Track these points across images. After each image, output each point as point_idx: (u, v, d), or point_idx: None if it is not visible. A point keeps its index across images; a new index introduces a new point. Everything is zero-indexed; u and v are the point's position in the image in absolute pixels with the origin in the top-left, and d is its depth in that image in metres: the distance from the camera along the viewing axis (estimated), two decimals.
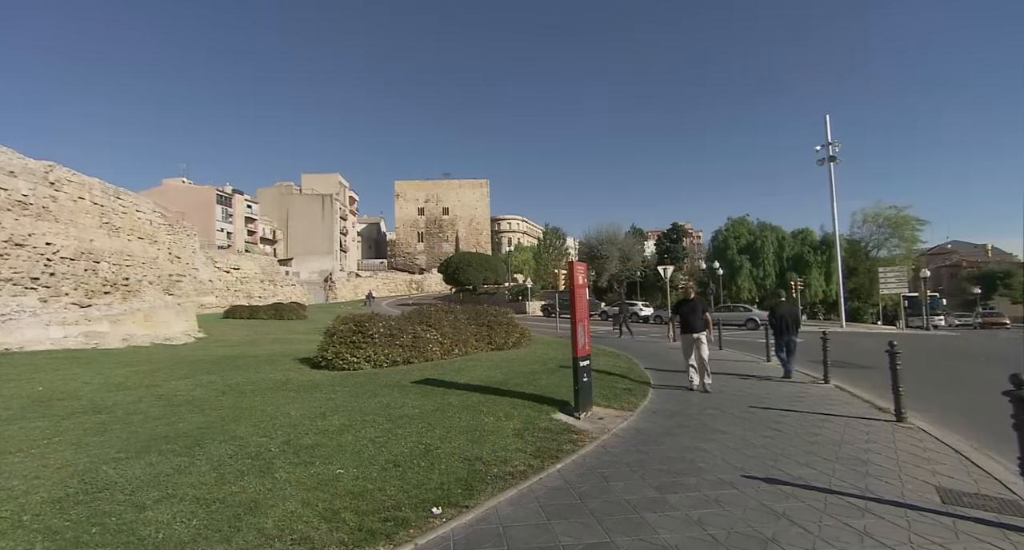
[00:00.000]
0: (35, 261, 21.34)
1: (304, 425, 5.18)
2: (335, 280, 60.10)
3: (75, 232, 23.83)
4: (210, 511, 3.17)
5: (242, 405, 6.18)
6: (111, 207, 26.74)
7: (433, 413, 5.69)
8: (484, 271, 49.30)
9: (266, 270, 45.86)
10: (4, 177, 20.30)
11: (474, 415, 5.61)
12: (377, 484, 3.65)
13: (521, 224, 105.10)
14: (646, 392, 7.67)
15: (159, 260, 30.79)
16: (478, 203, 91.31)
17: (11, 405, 6.09)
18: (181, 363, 9.97)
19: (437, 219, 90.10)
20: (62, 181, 23.31)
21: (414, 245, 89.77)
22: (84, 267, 23.98)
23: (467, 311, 12.13)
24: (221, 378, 8.14)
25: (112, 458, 4.14)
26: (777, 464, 4.34)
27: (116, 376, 8.38)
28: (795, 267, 44.25)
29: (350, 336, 9.33)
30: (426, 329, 10.26)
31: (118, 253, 26.68)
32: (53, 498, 3.33)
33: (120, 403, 6.28)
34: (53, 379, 7.97)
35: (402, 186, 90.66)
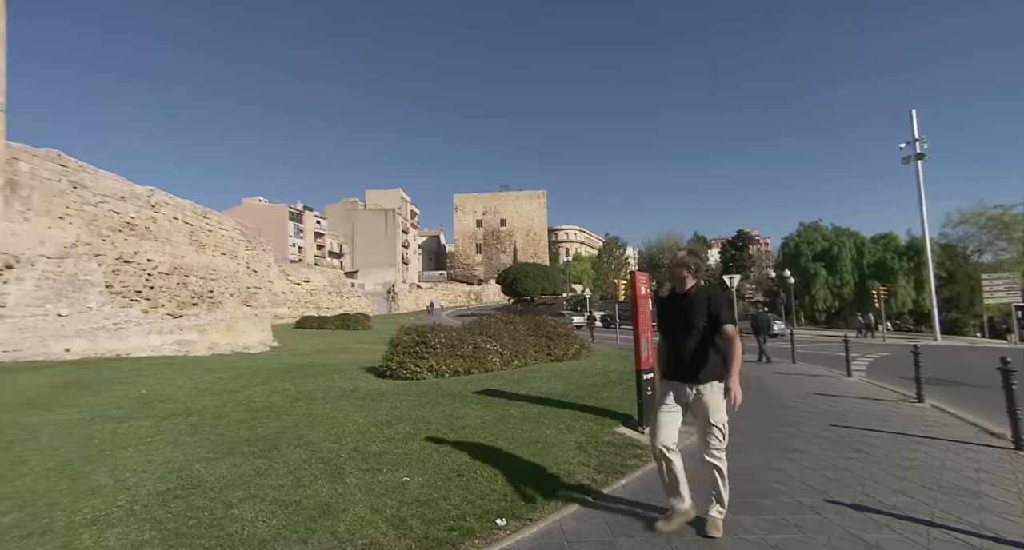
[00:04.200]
0: (139, 276, 23.65)
1: (371, 433, 5.37)
2: (397, 291, 62.20)
3: (170, 249, 26.22)
4: (288, 512, 3.34)
5: (314, 412, 6.49)
6: (199, 226, 29.20)
7: (495, 424, 5.73)
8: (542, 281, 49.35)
9: (333, 282, 48.27)
10: (116, 202, 22.74)
11: (536, 427, 5.59)
12: (442, 493, 3.71)
13: (579, 234, 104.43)
14: None
15: (239, 274, 33.22)
16: (535, 214, 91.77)
17: (123, 405, 6.75)
18: (258, 371, 10.64)
19: (495, 230, 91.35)
20: (161, 204, 25.75)
21: (472, 256, 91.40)
22: (177, 281, 26.30)
23: (526, 322, 12.15)
24: (294, 385, 8.60)
25: (203, 457, 4.48)
26: (865, 489, 4.00)
27: (204, 381, 9.07)
28: (877, 274, 41.01)
29: (413, 346, 9.60)
30: (486, 340, 10.37)
31: (205, 268, 29.05)
32: (157, 491, 3.66)
33: (208, 407, 6.78)
34: (153, 383, 8.75)
35: (460, 199, 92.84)
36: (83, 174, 21.31)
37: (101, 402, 7.03)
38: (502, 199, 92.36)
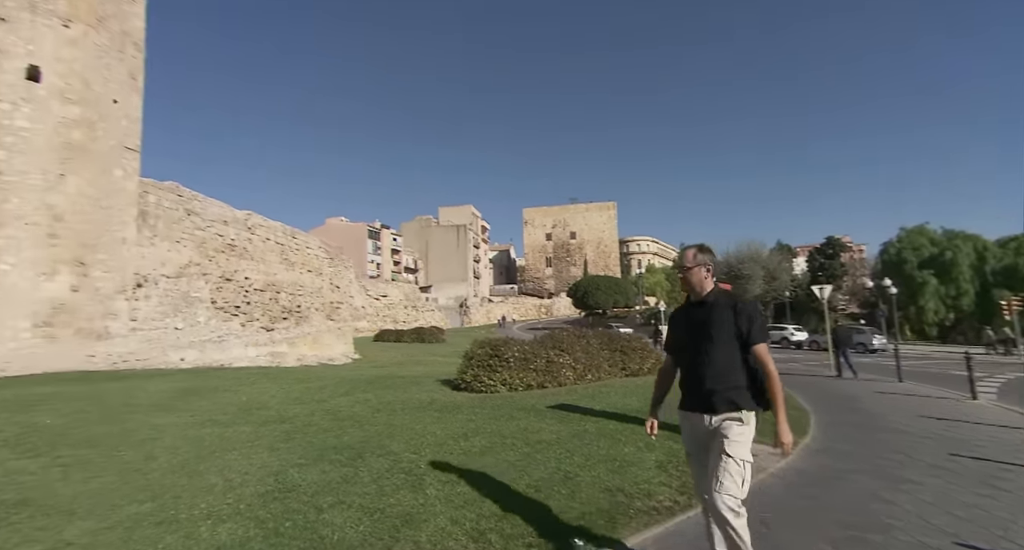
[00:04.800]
0: (238, 292, 25.97)
1: (449, 445, 5.47)
2: (469, 305, 63.54)
3: (264, 267, 28.59)
4: (373, 520, 3.47)
5: (394, 422, 6.74)
6: (289, 245, 31.60)
7: (570, 439, 5.65)
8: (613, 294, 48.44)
9: (409, 297, 50.25)
10: (220, 226, 25.24)
11: (613, 443, 5.45)
12: (519, 508, 3.70)
13: (651, 245, 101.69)
14: (805, 427, 6.78)
15: (323, 290, 35.49)
16: (605, 226, 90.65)
17: (227, 412, 7.39)
18: (342, 382, 11.23)
19: (565, 244, 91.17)
20: (256, 226, 28.22)
21: (542, 270, 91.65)
22: (269, 297, 28.56)
23: (599, 336, 11.95)
24: (375, 396, 8.98)
25: (296, 463, 4.78)
26: (1008, 534, 3.46)
27: (294, 391, 9.71)
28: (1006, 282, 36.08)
29: (487, 360, 9.72)
30: (559, 354, 10.30)
31: (293, 284, 31.34)
32: (258, 492, 3.95)
33: (299, 415, 7.25)
34: (251, 391, 9.50)
35: (530, 213, 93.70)
36: (195, 202, 23.88)
37: (209, 407, 7.74)
38: (571, 212, 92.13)
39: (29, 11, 16.13)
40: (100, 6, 17.87)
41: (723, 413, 2.55)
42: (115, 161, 18.43)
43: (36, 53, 16.14)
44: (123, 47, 18.94)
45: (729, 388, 2.56)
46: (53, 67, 16.45)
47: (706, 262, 2.80)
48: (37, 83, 16.13)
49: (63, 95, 16.62)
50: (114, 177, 18.37)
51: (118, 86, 18.64)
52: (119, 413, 7.11)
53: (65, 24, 16.81)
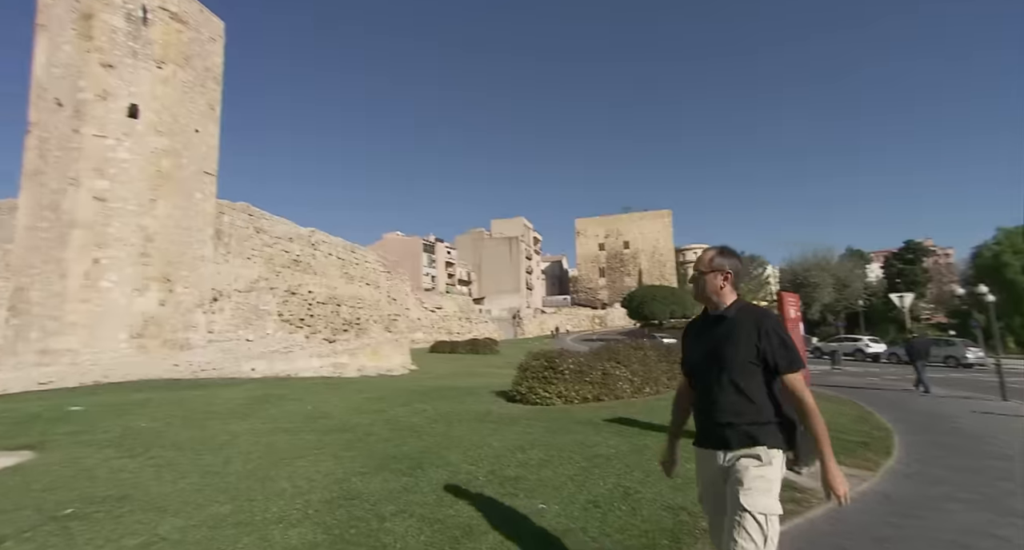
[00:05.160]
0: (302, 305, 27.33)
1: (506, 457, 5.48)
2: (522, 317, 63.65)
3: (326, 281, 29.96)
4: (433, 530, 3.52)
5: (451, 433, 6.83)
6: (349, 260, 32.99)
7: (629, 454, 5.51)
8: (670, 304, 47.05)
9: (463, 309, 51.01)
10: (286, 242, 26.78)
11: None
12: (579, 523, 3.64)
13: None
14: (889, 448, 6.27)
15: (381, 302, 36.70)
16: (660, 235, 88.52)
17: (294, 420, 7.77)
18: (400, 392, 11.52)
19: (618, 253, 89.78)
20: (319, 242, 29.70)
21: (596, 280, 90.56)
22: (331, 309, 29.85)
23: (657, 347, 11.63)
24: (432, 407, 9.15)
25: (358, 472, 4.94)
26: None
27: (355, 401, 10.05)
28: None
29: (542, 371, 9.69)
30: (615, 366, 10.10)
31: (353, 297, 32.61)
32: (324, 499, 4.11)
33: (360, 424, 7.50)
34: (316, 401, 9.93)
35: (582, 223, 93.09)
36: (263, 221, 25.49)
37: (278, 415, 8.16)
38: (624, 221, 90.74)
39: (131, 56, 17.99)
40: (187, 47, 19.64)
41: (739, 449, 2.13)
42: (195, 185, 20.03)
43: (135, 93, 17.94)
44: (204, 82, 20.68)
45: (748, 422, 2.12)
46: (149, 104, 18.20)
47: (724, 267, 2.35)
48: (136, 119, 17.90)
49: (155, 128, 18.33)
50: (194, 200, 19.95)
51: (199, 116, 20.32)
52: (200, 419, 7.63)
53: (159, 65, 18.59)
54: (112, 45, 17.77)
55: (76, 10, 17.74)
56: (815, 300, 44.22)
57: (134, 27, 18.24)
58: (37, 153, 17.64)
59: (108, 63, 17.64)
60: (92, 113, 17.33)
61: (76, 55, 17.60)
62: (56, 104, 17.59)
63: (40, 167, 17.52)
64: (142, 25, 18.41)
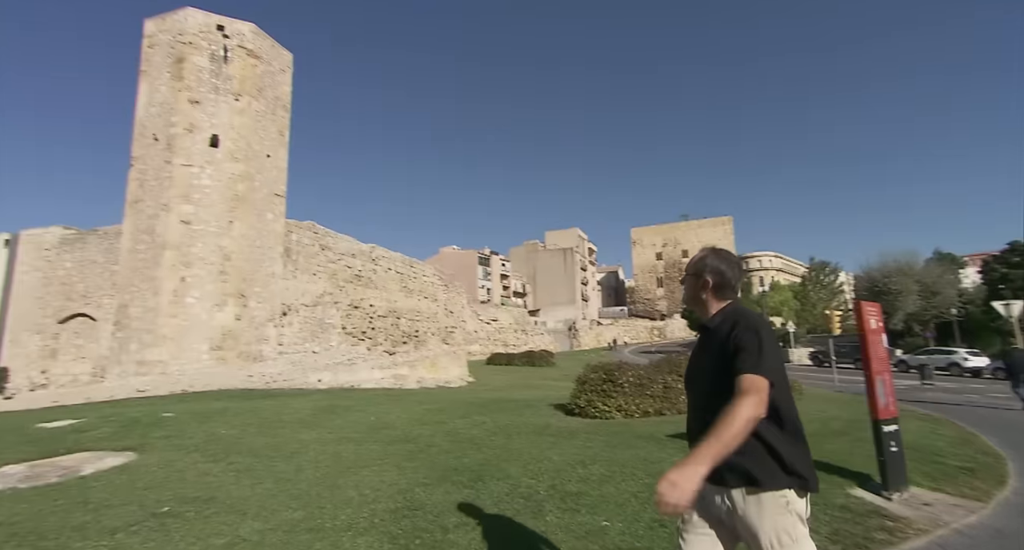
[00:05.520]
0: (364, 319, 28.40)
1: (567, 471, 5.40)
2: (578, 328, 62.98)
3: (386, 295, 31.01)
4: (496, 544, 3.51)
5: (510, 446, 6.82)
6: (407, 274, 34.00)
7: None
8: None
9: (518, 321, 51.16)
10: (349, 258, 28.04)
11: None
12: (645, 543, 3.52)
13: (774, 260, 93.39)
14: (1002, 476, 5.61)
15: (438, 315, 37.48)
16: (720, 242, 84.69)
17: (359, 430, 8.04)
18: (459, 404, 11.65)
19: (676, 263, 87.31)
20: (379, 258, 30.85)
21: (653, 291, 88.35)
22: (391, 322, 30.82)
23: None
24: (491, 419, 9.18)
25: (421, 482, 5.03)
26: None
27: (416, 412, 10.26)
28: None
29: (600, 384, 9.52)
30: (677, 379, 9.75)
31: (412, 310, 33.53)
32: (389, 509, 4.22)
33: (421, 435, 7.64)
34: (378, 412, 10.24)
35: (638, 233, 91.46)
36: (328, 238, 26.84)
37: (344, 425, 8.47)
38: (682, 229, 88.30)
39: (213, 92, 19.70)
40: (260, 80, 21.24)
41: (732, 488, 1.77)
42: (267, 206, 21.44)
43: (216, 124, 19.59)
44: (275, 110, 22.22)
45: (740, 452, 1.67)
46: (227, 133, 19.78)
47: (704, 271, 2.04)
48: (216, 148, 19.51)
49: (233, 156, 19.86)
50: (266, 220, 21.35)
51: (270, 142, 21.82)
52: (272, 427, 8.06)
53: (236, 98, 20.21)
54: (198, 83, 19.51)
55: (171, 55, 19.68)
56: (898, 309, 40.69)
57: (216, 65, 19.96)
58: (138, 183, 19.58)
59: (195, 99, 19.36)
60: (181, 145, 19.04)
61: (169, 94, 19.48)
62: (153, 139, 19.50)
63: (139, 195, 19.42)
64: (223, 63, 20.11)
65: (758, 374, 1.68)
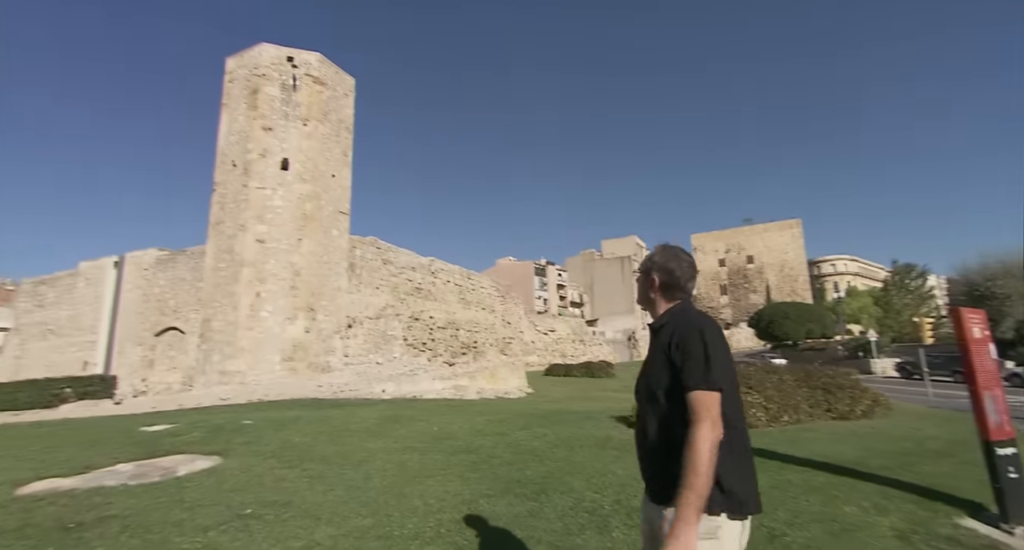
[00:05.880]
0: (424, 330, 29.12)
1: (632, 486, 5.25)
2: (638, 338, 61.42)
3: (444, 307, 31.66)
4: None
5: (573, 459, 6.72)
6: (465, 286, 34.59)
7: (769, 490, 4.97)
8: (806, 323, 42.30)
9: (576, 331, 50.60)
10: (409, 271, 28.94)
11: (826, 500, 4.64)
12: None
13: (850, 264, 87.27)
14: None
15: (496, 326, 37.78)
16: (789, 247, 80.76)
17: (423, 440, 8.22)
18: (519, 415, 11.63)
19: (741, 269, 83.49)
20: (438, 270, 31.61)
21: (717, 299, 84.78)
22: (450, 334, 31.39)
23: (794, 372, 10.48)
24: (552, 431, 9.10)
25: (484, 494, 5.06)
26: None
27: (477, 423, 10.34)
28: None
29: None
30: (746, 392, 9.27)
31: (470, 321, 34.01)
32: (454, 519, 4.27)
33: (483, 446, 7.69)
34: (440, 422, 10.42)
35: (699, 239, 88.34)
36: (389, 253, 27.85)
37: (408, 435, 8.68)
38: (746, 234, 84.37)
39: (283, 118, 21.16)
40: (325, 104, 22.56)
41: (670, 506, 1.61)
42: (332, 224, 22.58)
43: (286, 148, 20.98)
44: (339, 132, 23.48)
45: (671, 470, 1.59)
46: (296, 156, 21.12)
47: (652, 270, 1.92)
48: (286, 171, 20.87)
49: (301, 177, 21.15)
50: (332, 237, 22.47)
51: (335, 163, 23.04)
52: (341, 436, 8.40)
53: (304, 123, 21.57)
54: (271, 111, 21.01)
55: (247, 87, 21.36)
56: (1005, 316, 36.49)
57: (286, 94, 21.43)
58: (219, 206, 21.27)
59: (268, 126, 20.84)
60: (255, 169, 20.51)
61: (245, 123, 21.10)
62: (232, 165, 21.15)
63: (220, 217, 21.06)
64: (292, 91, 21.56)
65: (708, 389, 1.60)
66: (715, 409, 1.58)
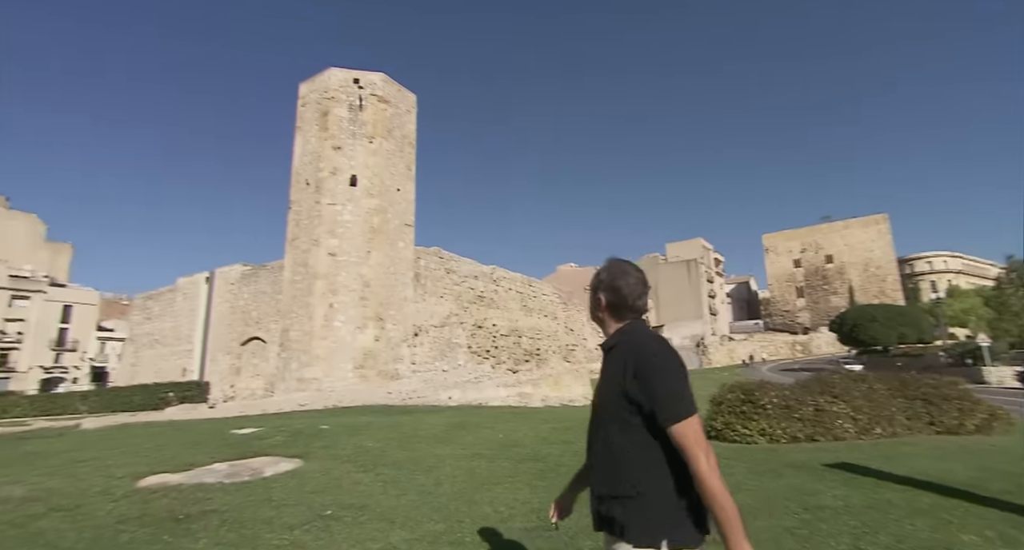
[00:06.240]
0: (488, 338, 29.47)
1: None
2: (707, 344, 58.89)
3: (507, 314, 31.90)
4: None
5: None
6: (527, 293, 34.69)
7: (865, 511, 4.56)
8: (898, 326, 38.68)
9: None
10: (472, 280, 29.48)
11: (938, 526, 4.18)
12: None
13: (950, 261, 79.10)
14: None
15: (559, 333, 37.55)
16: (875, 244, 74.58)
17: (490, 447, 8.29)
18: (585, 423, 11.40)
19: (819, 269, 78.03)
20: (500, 278, 31.95)
21: (793, 302, 79.68)
22: (513, 341, 31.55)
23: (887, 380, 9.61)
24: None
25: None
26: None
27: (542, 431, 10.28)
28: None
29: (739, 406, 8.75)
30: (831, 401, 8.62)
31: (532, 329, 34.02)
32: (525, 527, 4.25)
33: (550, 454, 7.63)
34: (506, 429, 10.46)
35: (771, 239, 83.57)
36: (452, 262, 28.50)
37: (475, 442, 8.78)
38: (824, 232, 78.76)
39: (351, 137, 22.36)
40: (389, 122, 23.60)
41: (621, 541, 1.57)
42: (398, 236, 23.45)
43: (354, 165, 22.12)
44: (403, 147, 24.44)
45: (617, 495, 1.58)
46: (363, 172, 22.20)
47: (598, 289, 1.86)
48: (355, 187, 21.98)
49: (368, 192, 22.18)
50: (397, 248, 23.33)
51: (400, 177, 23.97)
52: (411, 441, 8.63)
53: (370, 140, 22.67)
54: (340, 131, 22.26)
55: (318, 110, 22.79)
56: None
57: (353, 114, 22.63)
58: (295, 223, 22.73)
59: (337, 145, 22.08)
60: (327, 186, 21.75)
61: (317, 144, 22.47)
62: (305, 184, 22.57)
63: (296, 233, 22.49)
64: (359, 110, 22.73)
65: (689, 417, 1.55)
66: (701, 435, 1.55)
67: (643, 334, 1.78)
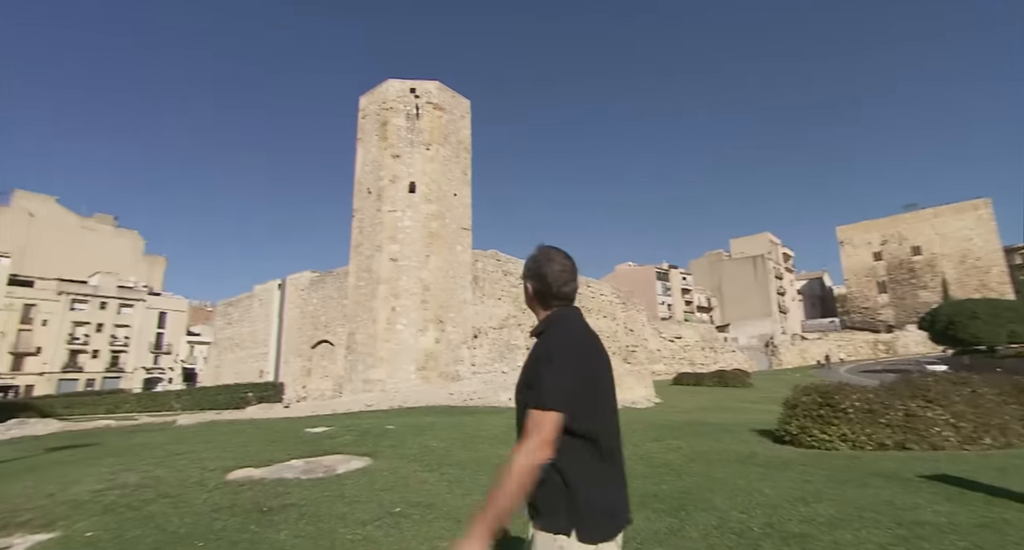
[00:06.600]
0: None
1: (784, 508, 4.72)
2: (777, 344, 55.77)
3: None
4: None
5: (712, 475, 6.25)
6: (585, 294, 34.30)
7: (976, 530, 4.12)
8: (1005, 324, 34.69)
9: (705, 337, 47.42)
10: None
11: None
12: None
13: None
14: None
15: (618, 333, 36.85)
16: (973, 232, 67.60)
17: None
18: (650, 426, 11.16)
19: (904, 262, 71.86)
20: None
21: (874, 298, 73.82)
22: None
23: (997, 384, 8.65)
24: (687, 444, 8.57)
25: None
26: None
27: None
28: None
29: (815, 409, 8.19)
30: (924, 405, 7.88)
31: None
32: None
33: None
34: None
35: (846, 231, 77.85)
36: (509, 264, 28.69)
37: None
38: (909, 221, 72.33)
39: (409, 145, 23.08)
40: (445, 128, 24.15)
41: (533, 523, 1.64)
42: (456, 240, 23.89)
43: (412, 172, 22.81)
44: (458, 153, 24.92)
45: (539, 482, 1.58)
46: (421, 179, 22.84)
47: (526, 277, 1.87)
48: (414, 193, 22.65)
49: (426, 198, 22.78)
50: (456, 252, 23.77)
51: (456, 182, 24.44)
52: (473, 442, 8.75)
53: (427, 147, 23.29)
54: (398, 140, 23.03)
55: (377, 121, 23.71)
56: None
57: (410, 122, 23.34)
58: (358, 230, 23.74)
59: (396, 154, 22.85)
60: (387, 194, 22.55)
61: (377, 153, 23.37)
62: (367, 192, 23.52)
63: (359, 240, 23.48)
64: (415, 119, 23.42)
65: (541, 408, 1.55)
66: (546, 429, 1.54)
67: (559, 323, 1.79)
